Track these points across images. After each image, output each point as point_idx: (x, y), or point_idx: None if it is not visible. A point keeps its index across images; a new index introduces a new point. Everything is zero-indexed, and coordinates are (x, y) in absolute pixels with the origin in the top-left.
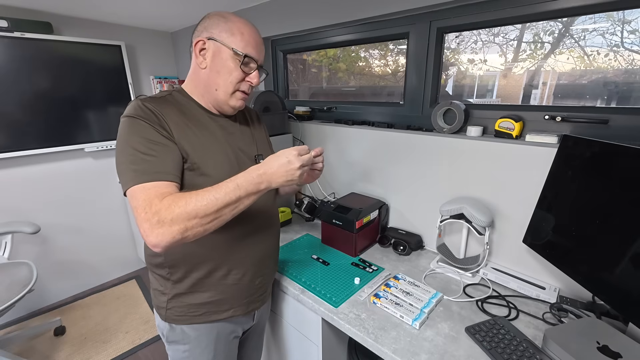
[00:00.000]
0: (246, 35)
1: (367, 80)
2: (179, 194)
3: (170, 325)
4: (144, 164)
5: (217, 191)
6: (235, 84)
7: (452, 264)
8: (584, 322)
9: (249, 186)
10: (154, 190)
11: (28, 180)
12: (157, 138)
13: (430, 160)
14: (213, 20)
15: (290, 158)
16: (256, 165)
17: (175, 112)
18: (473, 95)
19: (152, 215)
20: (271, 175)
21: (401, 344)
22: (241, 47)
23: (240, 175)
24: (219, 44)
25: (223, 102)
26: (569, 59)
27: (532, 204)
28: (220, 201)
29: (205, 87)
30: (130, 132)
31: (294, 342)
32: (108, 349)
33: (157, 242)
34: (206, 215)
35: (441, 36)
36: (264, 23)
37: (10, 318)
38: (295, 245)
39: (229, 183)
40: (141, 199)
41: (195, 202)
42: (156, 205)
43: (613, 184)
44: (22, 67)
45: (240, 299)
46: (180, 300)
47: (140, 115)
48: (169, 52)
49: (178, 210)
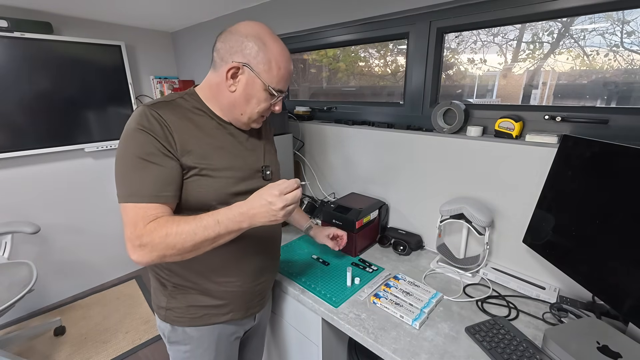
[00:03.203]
0: (282, 70)
1: (367, 80)
2: (163, 221)
3: (171, 326)
4: (138, 183)
5: (197, 224)
6: (261, 112)
7: (452, 264)
8: (584, 322)
9: (229, 224)
10: (142, 211)
11: (28, 180)
12: (156, 154)
13: (430, 160)
14: (251, 44)
15: (271, 199)
16: (239, 203)
17: (184, 118)
18: (473, 95)
19: (135, 238)
20: (253, 215)
21: (401, 344)
22: (275, 82)
23: (223, 212)
24: (254, 75)
25: (243, 124)
26: (568, 59)
27: (532, 204)
28: (199, 236)
29: (229, 108)
30: (131, 145)
31: (294, 342)
32: (108, 349)
33: (138, 261)
34: (184, 248)
35: (441, 36)
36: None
37: (10, 318)
38: (295, 245)
39: (209, 218)
40: (129, 217)
41: (175, 235)
42: (140, 229)
43: (613, 184)
44: (22, 67)
45: (240, 303)
46: (180, 301)
47: (145, 126)
48: (169, 52)
49: (158, 240)
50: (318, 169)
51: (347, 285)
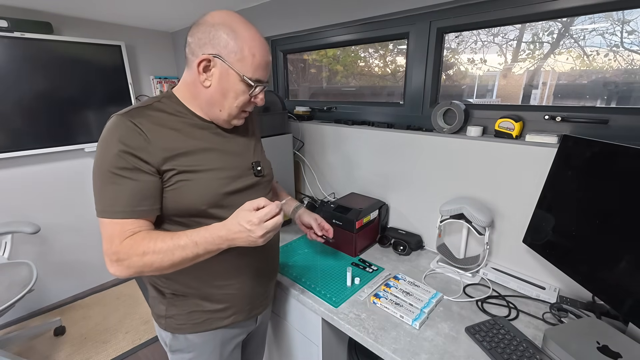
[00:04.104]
0: (257, 57)
1: (367, 81)
2: (140, 237)
3: (172, 334)
4: (113, 198)
5: (175, 244)
6: (241, 107)
7: (452, 264)
8: (584, 322)
9: (208, 246)
10: (118, 227)
11: (28, 180)
12: (130, 168)
13: (430, 160)
14: (220, 33)
15: (250, 227)
16: (218, 225)
17: (162, 124)
18: (473, 95)
19: (112, 254)
20: (232, 239)
21: (401, 344)
22: (251, 71)
23: (201, 233)
24: (227, 66)
25: (224, 121)
26: (568, 59)
27: (532, 204)
28: (177, 256)
29: (207, 105)
30: (105, 159)
31: (294, 342)
32: (108, 349)
33: (116, 275)
34: (162, 266)
35: (441, 36)
36: (264, 23)
37: (10, 318)
38: (295, 246)
39: (187, 238)
40: (106, 232)
41: (152, 254)
42: (116, 246)
43: (613, 184)
44: (22, 67)
45: (243, 305)
46: (180, 308)
47: (119, 138)
48: (169, 52)
49: (135, 257)
50: (318, 169)
51: (347, 285)
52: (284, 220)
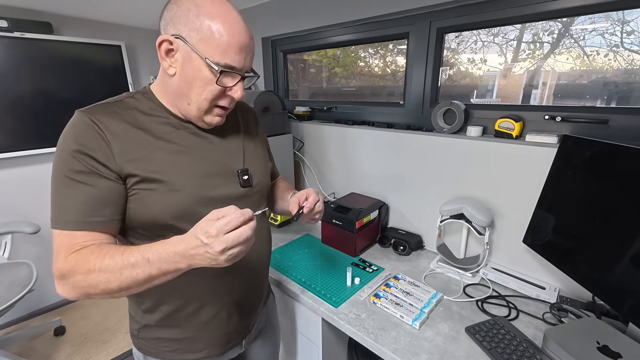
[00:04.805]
0: (226, 37)
1: (367, 81)
2: (87, 252)
3: (144, 356)
4: (64, 206)
5: (124, 261)
6: (210, 100)
7: (452, 264)
8: (584, 322)
9: (162, 265)
10: (68, 239)
11: (28, 180)
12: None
13: (430, 160)
14: (182, 8)
15: (206, 240)
16: (176, 239)
17: (130, 122)
18: (473, 95)
19: (56, 270)
20: (191, 257)
21: (401, 344)
22: (218, 55)
23: (155, 248)
24: (189, 49)
25: (196, 118)
26: (568, 59)
27: (532, 204)
28: (125, 276)
29: (175, 97)
30: (60, 161)
31: (294, 342)
32: (108, 349)
33: (63, 296)
34: (108, 288)
35: (441, 36)
36: (264, 23)
37: (10, 318)
38: (295, 245)
39: (137, 255)
40: (55, 244)
41: (97, 273)
42: (60, 261)
43: (613, 184)
44: (22, 67)
45: (216, 337)
46: (151, 332)
47: (75, 138)
48: None
49: (79, 276)
50: (318, 169)
51: (347, 285)
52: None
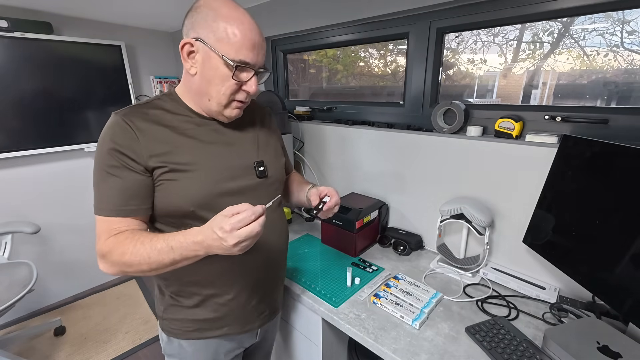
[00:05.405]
0: (239, 36)
1: (367, 81)
2: (123, 237)
3: (167, 337)
4: (104, 195)
5: (151, 248)
6: (229, 95)
7: (452, 264)
8: (584, 322)
9: (184, 252)
10: (106, 224)
11: (28, 180)
12: (118, 167)
13: (430, 160)
14: (201, 14)
15: (222, 235)
16: (196, 230)
17: (158, 122)
18: (473, 95)
19: (98, 250)
20: (208, 247)
21: (401, 344)
22: (233, 52)
23: (178, 237)
24: (208, 49)
25: (217, 113)
26: (568, 59)
27: (532, 204)
28: (154, 260)
29: (197, 95)
30: (100, 157)
31: (294, 342)
32: (108, 349)
33: (104, 271)
34: (140, 269)
35: (441, 36)
36: (264, 23)
37: (10, 318)
38: (295, 245)
39: (164, 242)
40: (98, 229)
41: (130, 255)
42: (101, 243)
43: (613, 184)
44: (22, 67)
45: (235, 318)
46: (175, 313)
47: (112, 138)
48: (169, 52)
49: (116, 257)
50: (318, 169)
51: (347, 285)
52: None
